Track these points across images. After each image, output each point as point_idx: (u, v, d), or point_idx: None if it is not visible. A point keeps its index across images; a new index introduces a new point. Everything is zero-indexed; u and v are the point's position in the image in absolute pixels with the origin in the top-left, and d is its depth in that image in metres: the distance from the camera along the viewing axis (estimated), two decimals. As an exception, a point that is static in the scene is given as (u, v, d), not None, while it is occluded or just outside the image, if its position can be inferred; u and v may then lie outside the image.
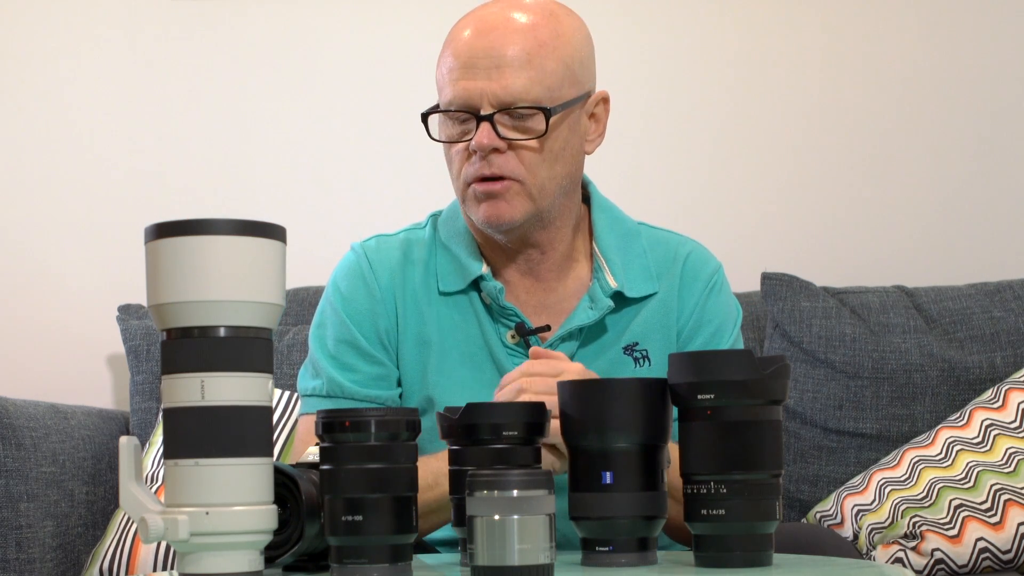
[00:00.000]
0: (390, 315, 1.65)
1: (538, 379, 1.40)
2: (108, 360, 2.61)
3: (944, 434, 2.19)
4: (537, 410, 1.20)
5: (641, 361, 1.63)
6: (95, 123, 2.64)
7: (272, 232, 1.07)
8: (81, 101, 2.64)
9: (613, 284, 1.62)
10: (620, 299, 1.63)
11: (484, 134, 1.53)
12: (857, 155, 2.70)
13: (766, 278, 2.42)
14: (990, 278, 2.52)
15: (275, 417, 2.20)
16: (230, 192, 2.64)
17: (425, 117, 1.59)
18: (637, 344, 1.64)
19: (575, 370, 1.44)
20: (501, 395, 1.42)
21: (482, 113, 1.54)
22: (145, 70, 2.65)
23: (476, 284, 1.63)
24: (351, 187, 2.66)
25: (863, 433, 2.32)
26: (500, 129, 1.54)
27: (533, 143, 1.55)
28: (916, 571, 2.03)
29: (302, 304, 2.44)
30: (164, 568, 2.10)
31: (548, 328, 1.62)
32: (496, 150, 1.54)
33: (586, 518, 1.17)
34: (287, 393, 2.26)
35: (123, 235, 2.59)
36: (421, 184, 2.64)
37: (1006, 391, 2.21)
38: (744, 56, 2.70)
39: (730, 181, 2.69)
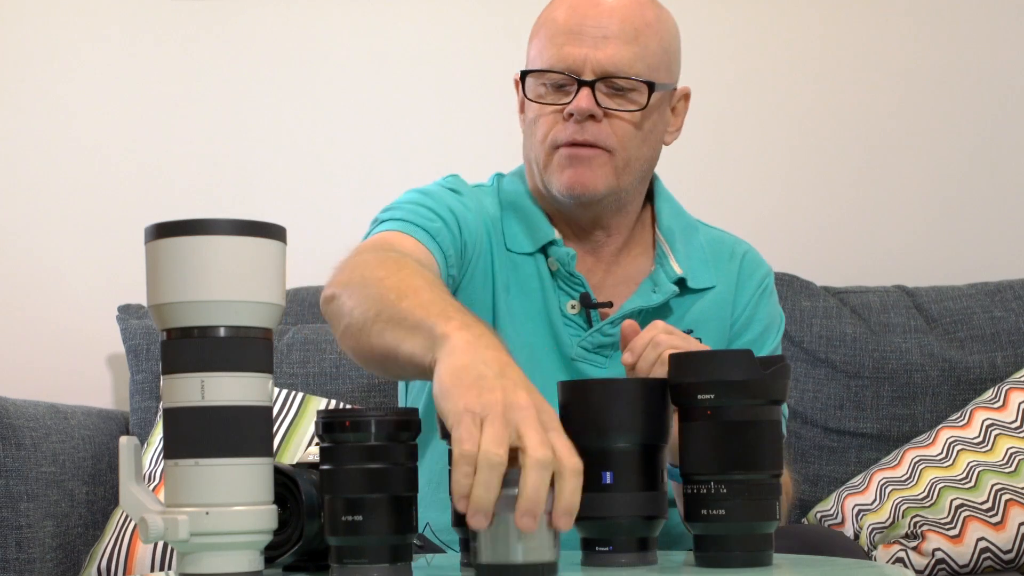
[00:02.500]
0: (477, 232, 1.61)
1: (676, 336, 1.37)
2: (108, 360, 2.60)
3: (945, 434, 2.19)
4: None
5: None
6: (95, 123, 2.64)
7: (272, 232, 1.07)
8: (81, 101, 2.64)
9: (678, 270, 1.65)
10: (682, 287, 1.65)
11: (584, 98, 1.56)
12: (857, 155, 2.70)
13: (766, 278, 2.42)
14: (990, 278, 2.52)
15: (275, 417, 2.20)
16: (230, 192, 2.64)
17: (524, 75, 1.60)
18: (692, 332, 1.65)
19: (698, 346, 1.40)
20: (644, 356, 1.36)
21: (584, 79, 1.56)
22: (145, 70, 2.65)
23: (544, 250, 1.64)
24: (352, 187, 2.66)
25: (863, 433, 2.32)
26: (599, 97, 1.57)
27: (629, 116, 1.58)
28: (917, 571, 2.03)
29: (302, 304, 2.44)
30: (161, 568, 2.10)
31: (611, 304, 1.63)
32: (592, 117, 1.56)
33: (586, 518, 1.16)
34: (283, 391, 2.25)
35: (123, 235, 2.59)
36: (422, 183, 2.64)
37: (1007, 391, 2.21)
38: (744, 55, 2.70)
39: (730, 181, 2.69)
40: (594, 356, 1.62)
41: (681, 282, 1.65)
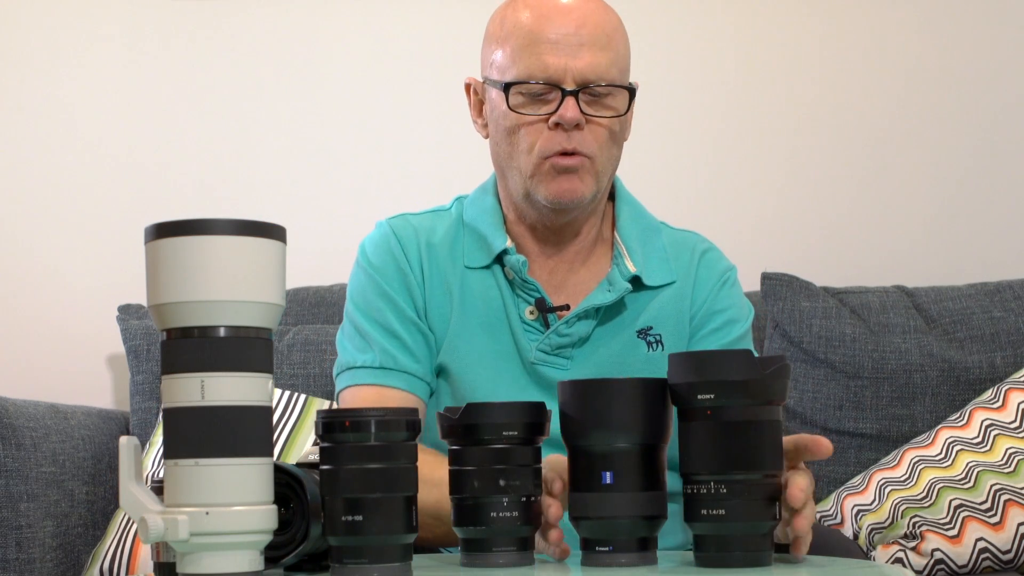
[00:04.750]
0: (420, 286, 1.67)
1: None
2: (108, 360, 2.61)
3: (944, 434, 2.19)
4: (537, 410, 1.20)
5: (654, 345, 1.66)
6: (95, 123, 2.64)
7: (272, 232, 1.07)
8: (81, 101, 2.64)
9: (632, 268, 1.66)
10: (637, 284, 1.66)
11: (571, 108, 1.57)
12: (857, 155, 2.70)
13: (766, 278, 2.42)
14: (990, 278, 2.52)
15: (275, 417, 2.20)
16: (230, 192, 2.64)
17: (507, 88, 1.59)
18: (651, 328, 1.66)
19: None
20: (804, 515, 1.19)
21: (566, 88, 1.56)
22: (145, 70, 2.65)
23: (500, 260, 1.66)
24: (351, 187, 2.66)
25: (863, 433, 2.32)
26: (581, 106, 1.58)
27: (607, 122, 1.60)
28: (916, 571, 2.03)
29: (302, 304, 2.44)
30: (164, 568, 2.10)
31: (567, 307, 1.64)
32: (577, 126, 1.57)
33: (586, 518, 1.16)
34: (287, 393, 2.26)
35: (123, 235, 2.59)
36: (422, 183, 2.64)
37: (1006, 391, 2.21)
38: (744, 56, 2.70)
39: (730, 181, 2.69)
40: (554, 358, 1.63)
41: (636, 280, 1.66)
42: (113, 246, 2.60)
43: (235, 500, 1.04)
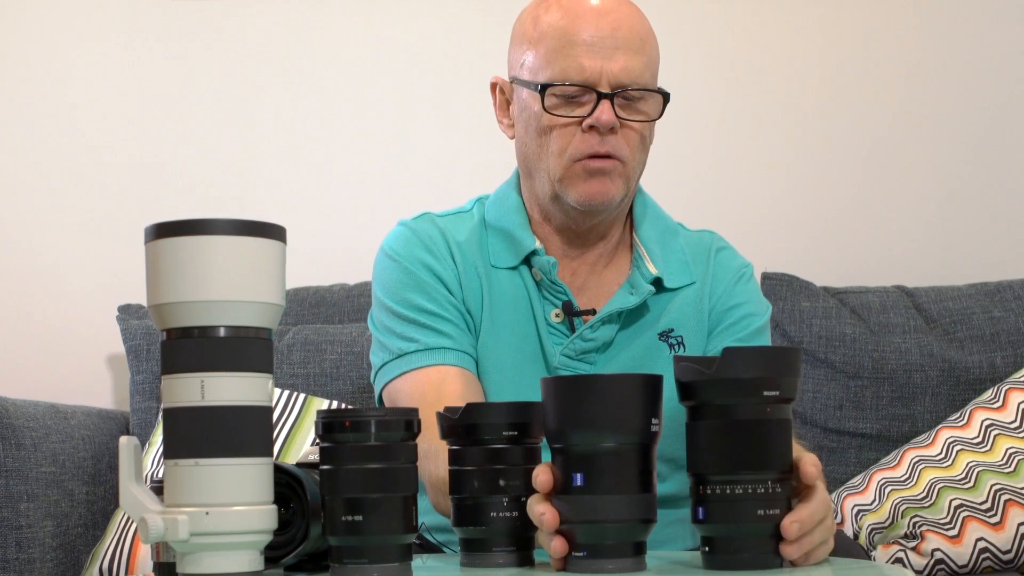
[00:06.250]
0: (455, 278, 1.66)
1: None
2: (108, 360, 2.61)
3: (944, 434, 2.19)
4: (536, 410, 1.20)
5: (676, 347, 1.66)
6: (96, 123, 2.64)
7: (272, 232, 1.07)
8: (82, 101, 2.64)
9: (653, 270, 1.66)
10: (658, 286, 1.66)
11: (607, 111, 1.56)
12: (857, 155, 2.70)
13: (766, 278, 2.42)
14: (990, 278, 2.52)
15: (274, 416, 2.20)
16: (230, 192, 2.64)
17: (543, 89, 1.58)
18: (672, 330, 1.66)
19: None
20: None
21: (602, 91, 1.56)
22: (146, 69, 2.65)
23: (527, 260, 1.66)
24: (352, 187, 2.66)
25: (863, 433, 2.32)
26: (616, 109, 1.57)
27: (639, 126, 1.60)
28: (916, 571, 2.03)
29: (302, 304, 2.44)
30: (164, 568, 2.10)
31: (594, 312, 1.64)
32: (611, 129, 1.57)
33: (562, 522, 1.11)
34: (286, 393, 2.26)
35: (123, 235, 2.59)
36: (422, 184, 2.64)
37: (1006, 391, 2.21)
38: (744, 56, 2.70)
39: (730, 181, 2.69)
40: (578, 363, 1.63)
41: (657, 282, 1.66)
42: (113, 246, 2.60)
43: (235, 500, 1.04)
